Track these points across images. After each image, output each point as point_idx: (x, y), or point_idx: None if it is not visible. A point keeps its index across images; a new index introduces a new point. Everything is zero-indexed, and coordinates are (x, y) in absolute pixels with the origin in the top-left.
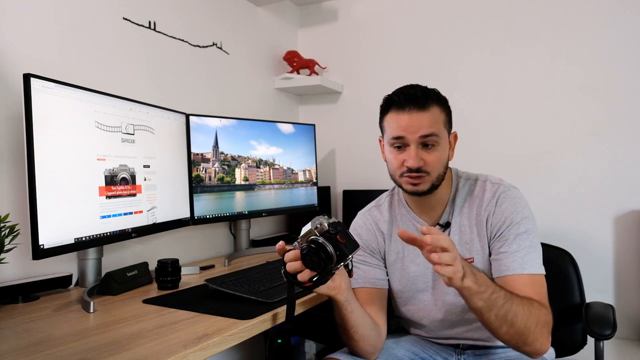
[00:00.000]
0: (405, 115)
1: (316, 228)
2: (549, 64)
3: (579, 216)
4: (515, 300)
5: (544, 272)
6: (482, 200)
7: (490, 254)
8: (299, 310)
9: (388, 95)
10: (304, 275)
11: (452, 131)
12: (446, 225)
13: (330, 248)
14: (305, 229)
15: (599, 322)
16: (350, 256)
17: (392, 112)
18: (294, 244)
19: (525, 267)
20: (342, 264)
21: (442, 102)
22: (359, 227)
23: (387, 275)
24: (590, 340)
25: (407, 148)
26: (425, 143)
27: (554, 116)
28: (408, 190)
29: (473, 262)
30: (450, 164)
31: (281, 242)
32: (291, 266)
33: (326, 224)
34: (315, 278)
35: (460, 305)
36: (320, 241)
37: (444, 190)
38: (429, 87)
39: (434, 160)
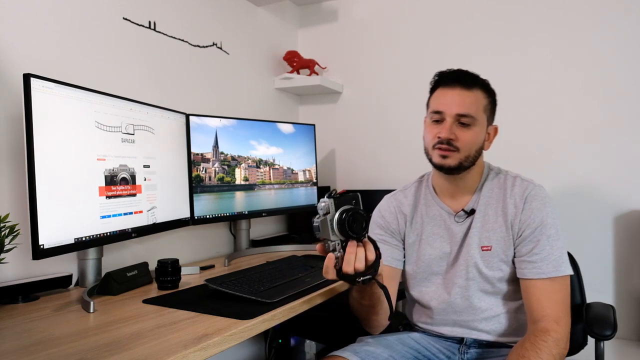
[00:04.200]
0: (449, 92)
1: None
2: (549, 64)
3: (579, 216)
4: None
5: (572, 272)
6: (512, 194)
7: (515, 253)
8: (298, 310)
9: (439, 71)
10: (369, 256)
11: (494, 124)
12: (471, 212)
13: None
14: (323, 223)
15: (600, 323)
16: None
17: (439, 88)
18: (328, 244)
19: (560, 268)
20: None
21: (487, 90)
22: (383, 209)
23: (403, 257)
24: (591, 341)
25: (443, 122)
26: (461, 122)
27: (554, 116)
28: (436, 163)
29: (490, 250)
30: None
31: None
32: (351, 256)
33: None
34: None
35: (469, 289)
36: (350, 212)
37: (473, 178)
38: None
39: (466, 139)
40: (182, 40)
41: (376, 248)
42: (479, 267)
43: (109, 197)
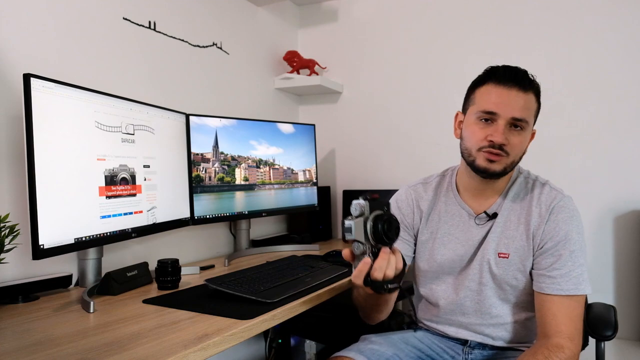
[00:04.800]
0: (505, 90)
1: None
2: (549, 64)
3: None
4: None
5: (590, 291)
6: (539, 202)
7: (533, 264)
8: (298, 310)
9: (492, 66)
10: (398, 264)
11: (533, 129)
12: (493, 216)
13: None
14: (357, 223)
15: (601, 323)
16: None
17: (490, 83)
18: (356, 246)
19: (580, 287)
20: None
21: (539, 95)
22: (400, 200)
23: (414, 253)
24: (592, 341)
25: (494, 123)
26: (515, 125)
27: (553, 116)
28: (481, 166)
29: (508, 258)
30: None
31: (347, 251)
32: (383, 262)
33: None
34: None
35: (481, 294)
36: (385, 217)
37: (503, 180)
38: None
39: (517, 144)
40: (182, 40)
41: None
42: (493, 272)
43: (109, 197)
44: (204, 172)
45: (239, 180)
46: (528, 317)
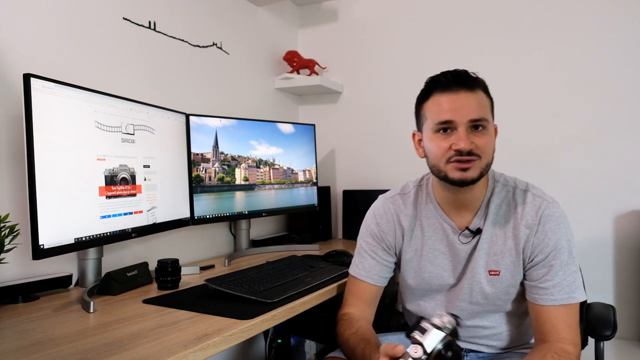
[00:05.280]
0: (453, 96)
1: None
2: (549, 64)
3: (578, 216)
4: None
5: (585, 297)
6: (523, 212)
7: (525, 276)
8: (298, 310)
9: (431, 77)
10: None
11: (494, 124)
12: (477, 232)
13: None
14: (433, 334)
15: (600, 323)
16: None
17: (436, 94)
18: (417, 354)
19: (574, 295)
20: None
21: (487, 90)
22: (379, 215)
23: (392, 273)
24: (591, 341)
25: (454, 132)
26: (476, 126)
27: (554, 116)
28: (455, 178)
29: (499, 275)
30: None
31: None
32: None
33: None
34: None
35: (472, 314)
36: (457, 350)
37: (480, 190)
38: None
39: (485, 144)
40: (182, 40)
41: None
42: (485, 292)
43: (109, 197)
44: (204, 172)
45: (239, 180)
46: (522, 321)
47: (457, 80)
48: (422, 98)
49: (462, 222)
